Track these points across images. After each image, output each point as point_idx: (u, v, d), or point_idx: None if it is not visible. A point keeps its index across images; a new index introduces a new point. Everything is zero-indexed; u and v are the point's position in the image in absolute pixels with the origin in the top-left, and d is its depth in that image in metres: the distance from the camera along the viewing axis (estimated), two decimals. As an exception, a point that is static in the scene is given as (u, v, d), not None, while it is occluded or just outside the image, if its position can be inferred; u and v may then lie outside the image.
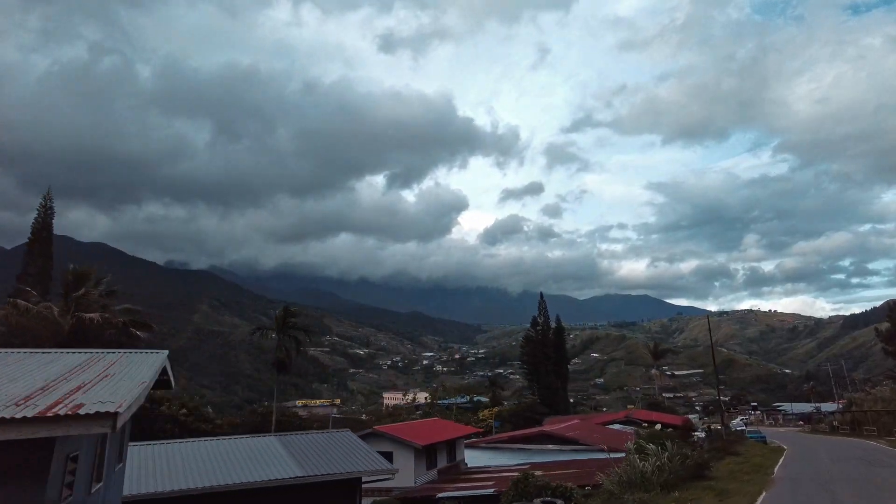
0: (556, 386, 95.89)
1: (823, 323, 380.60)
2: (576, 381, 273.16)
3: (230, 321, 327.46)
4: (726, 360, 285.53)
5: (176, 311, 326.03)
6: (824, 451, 34.76)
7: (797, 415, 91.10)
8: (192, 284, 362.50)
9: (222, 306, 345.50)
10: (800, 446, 41.45)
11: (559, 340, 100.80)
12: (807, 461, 29.58)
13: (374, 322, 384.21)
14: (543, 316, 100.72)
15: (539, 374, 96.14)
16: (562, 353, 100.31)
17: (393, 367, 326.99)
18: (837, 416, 67.75)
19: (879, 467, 25.73)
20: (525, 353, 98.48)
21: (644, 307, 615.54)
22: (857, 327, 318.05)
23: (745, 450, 34.12)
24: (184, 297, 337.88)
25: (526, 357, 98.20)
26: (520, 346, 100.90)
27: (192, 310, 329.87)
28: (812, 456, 32.40)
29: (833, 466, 26.62)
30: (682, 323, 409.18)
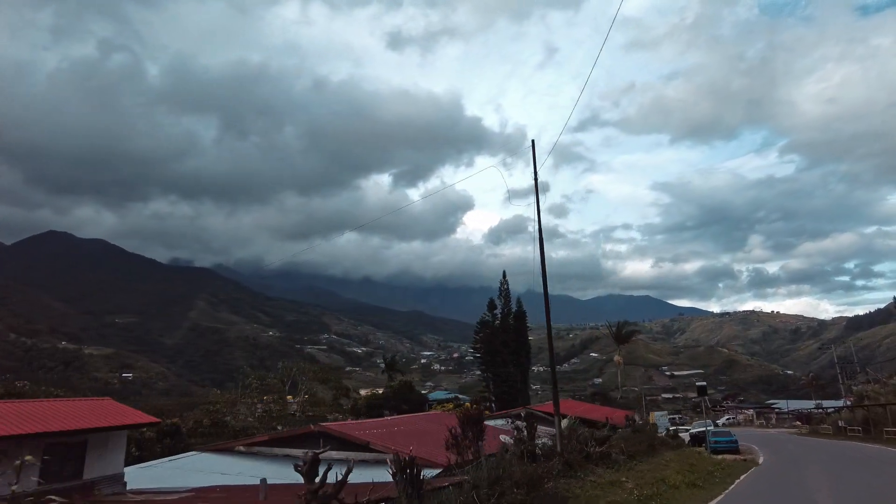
0: (514, 378, 79.66)
1: (827, 324, 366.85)
2: (574, 381, 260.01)
3: (227, 318, 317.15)
4: (728, 361, 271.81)
5: (174, 307, 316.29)
6: (826, 476, 18.31)
7: (793, 413, 73.63)
8: (192, 282, 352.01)
9: (220, 303, 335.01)
10: (785, 460, 25.25)
11: (520, 326, 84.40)
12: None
13: (373, 321, 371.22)
14: (504, 298, 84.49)
15: (495, 364, 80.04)
16: (523, 342, 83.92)
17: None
18: (845, 413, 50.78)
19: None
20: (478, 340, 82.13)
21: (646, 308, 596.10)
22: (861, 329, 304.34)
23: (653, 465, 17.97)
24: (183, 295, 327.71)
25: (480, 345, 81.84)
26: (473, 333, 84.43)
27: (190, 307, 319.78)
28: (799, 490, 15.97)
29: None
30: (683, 323, 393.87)
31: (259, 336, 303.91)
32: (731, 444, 30.89)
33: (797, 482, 16.59)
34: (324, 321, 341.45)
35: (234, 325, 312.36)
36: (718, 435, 32.07)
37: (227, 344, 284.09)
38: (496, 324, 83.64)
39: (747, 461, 22.67)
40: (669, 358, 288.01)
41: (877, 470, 19.47)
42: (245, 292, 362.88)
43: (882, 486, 15.53)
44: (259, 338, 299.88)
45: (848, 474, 18.46)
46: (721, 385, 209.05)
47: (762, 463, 22.22)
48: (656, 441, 20.84)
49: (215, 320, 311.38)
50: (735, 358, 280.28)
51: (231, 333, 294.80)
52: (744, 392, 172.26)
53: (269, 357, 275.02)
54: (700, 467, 17.40)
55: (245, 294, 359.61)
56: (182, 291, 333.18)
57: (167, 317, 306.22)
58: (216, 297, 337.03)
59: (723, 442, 30.94)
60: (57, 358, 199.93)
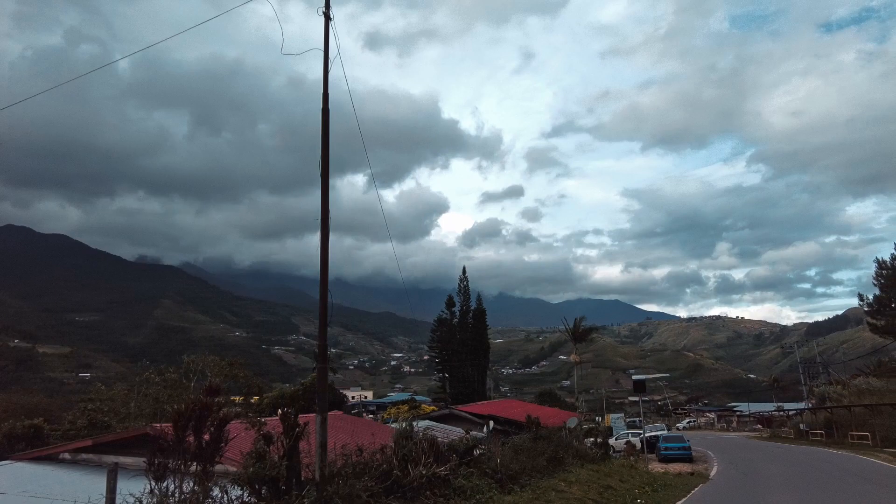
0: (472, 377, 75.85)
1: (788, 330, 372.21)
2: (544, 383, 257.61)
3: (194, 317, 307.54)
4: (694, 365, 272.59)
5: (138, 306, 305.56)
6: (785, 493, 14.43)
7: (755, 416, 70.79)
8: (159, 280, 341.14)
9: (187, 302, 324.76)
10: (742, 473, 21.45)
11: (479, 325, 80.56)
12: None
13: (344, 322, 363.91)
14: (463, 295, 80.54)
15: (452, 363, 76.11)
16: (482, 341, 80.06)
17: (360, 368, 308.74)
18: (807, 415, 47.76)
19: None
20: (435, 338, 77.97)
21: (615, 312, 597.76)
22: (821, 334, 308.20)
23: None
24: (148, 293, 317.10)
25: (437, 343, 77.68)
26: (430, 331, 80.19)
27: (155, 305, 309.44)
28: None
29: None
30: (651, 327, 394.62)
31: (226, 336, 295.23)
32: (683, 452, 27.07)
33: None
34: (293, 322, 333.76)
35: (201, 325, 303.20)
36: (670, 441, 28.35)
37: (192, 344, 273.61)
38: (454, 322, 79.75)
39: (694, 475, 18.72)
40: (637, 361, 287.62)
41: (858, 491, 15.82)
42: (213, 291, 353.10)
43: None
44: (225, 338, 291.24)
45: (824, 499, 14.69)
46: (687, 388, 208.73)
47: (713, 477, 18.39)
48: (568, 451, 16.16)
49: (181, 319, 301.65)
50: (701, 362, 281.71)
51: (197, 333, 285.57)
52: (709, 396, 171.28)
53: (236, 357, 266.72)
54: (620, 491, 13.37)
55: (213, 293, 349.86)
56: (147, 289, 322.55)
57: (131, 315, 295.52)
58: (183, 296, 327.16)
59: (674, 449, 27.14)
60: (8, 357, 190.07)
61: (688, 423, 78.03)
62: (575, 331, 59.94)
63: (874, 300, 45.89)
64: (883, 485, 16.80)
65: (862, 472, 19.95)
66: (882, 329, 45.51)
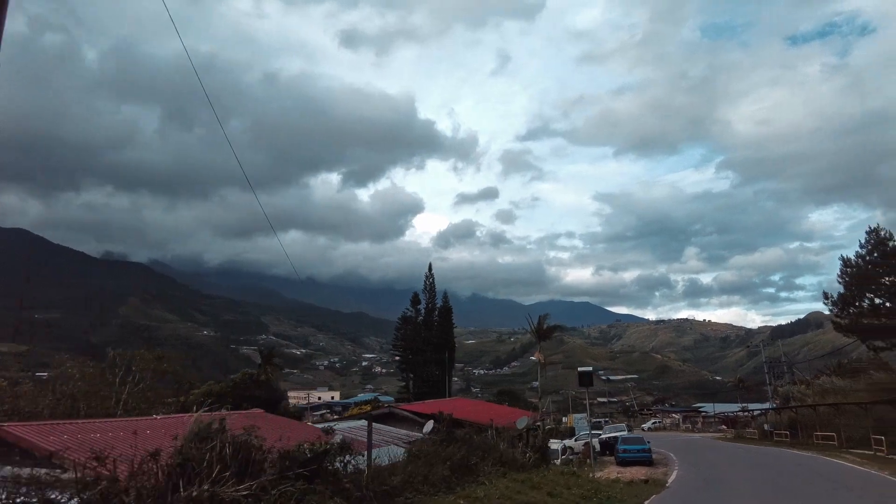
0: (436, 377, 73.41)
1: (753, 333, 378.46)
2: (514, 383, 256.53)
3: (160, 316, 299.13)
4: (662, 366, 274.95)
5: (103, 303, 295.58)
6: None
7: (720, 417, 69.79)
8: (125, 277, 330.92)
9: (154, 300, 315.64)
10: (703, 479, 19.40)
11: (445, 323, 78.18)
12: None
13: (315, 322, 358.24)
14: (429, 293, 78.12)
15: (416, 362, 73.63)
16: (447, 339, 77.65)
17: (330, 368, 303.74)
18: (771, 415, 46.47)
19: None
20: (400, 336, 75.31)
21: (586, 313, 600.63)
22: (784, 337, 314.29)
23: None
24: (113, 290, 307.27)
25: (401, 342, 75.04)
26: (394, 329, 77.49)
27: (121, 303, 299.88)
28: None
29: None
30: (620, 329, 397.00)
31: (193, 335, 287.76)
32: (642, 455, 25.11)
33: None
34: (262, 321, 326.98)
35: (168, 324, 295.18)
36: (629, 442, 26.49)
37: (158, 343, 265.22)
38: (419, 320, 77.32)
39: (649, 482, 16.49)
40: (606, 362, 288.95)
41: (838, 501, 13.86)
42: (181, 289, 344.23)
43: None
44: (193, 337, 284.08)
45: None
46: (655, 390, 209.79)
47: (671, 485, 16.18)
48: (488, 457, 13.41)
49: (147, 318, 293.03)
50: (668, 364, 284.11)
51: (164, 332, 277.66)
52: (676, 397, 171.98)
53: (203, 357, 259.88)
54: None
55: (181, 291, 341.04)
56: (113, 287, 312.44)
57: (94, 313, 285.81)
58: (149, 294, 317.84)
59: (633, 451, 25.17)
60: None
61: (653, 423, 76.85)
62: (539, 329, 57.98)
63: (838, 298, 44.83)
64: (862, 491, 14.94)
65: (834, 476, 18.18)
66: (846, 328, 44.56)
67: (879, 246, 43.66)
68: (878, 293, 42.48)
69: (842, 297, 44.57)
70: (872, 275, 42.55)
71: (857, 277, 43.68)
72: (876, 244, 44.04)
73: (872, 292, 43.12)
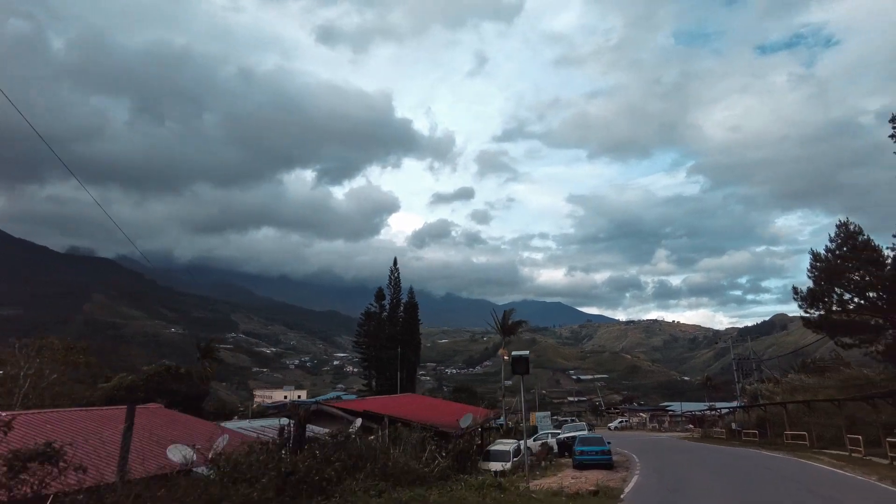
0: (400, 375, 70.33)
1: (721, 334, 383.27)
2: (486, 383, 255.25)
3: (127, 313, 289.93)
4: (631, 366, 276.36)
5: (66, 300, 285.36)
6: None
7: (687, 416, 68.18)
8: (90, 273, 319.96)
9: (121, 297, 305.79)
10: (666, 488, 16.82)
11: (410, 319, 75.18)
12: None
13: (286, 320, 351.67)
14: (393, 288, 75.05)
15: (380, 360, 70.45)
16: (413, 336, 74.70)
17: (301, 367, 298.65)
18: (739, 414, 44.60)
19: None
20: (362, 333, 72.06)
21: (558, 314, 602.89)
22: (749, 339, 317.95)
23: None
24: (79, 286, 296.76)
25: (364, 338, 71.79)
26: (357, 325, 74.18)
27: (85, 299, 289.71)
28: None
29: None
30: (591, 330, 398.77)
31: (161, 332, 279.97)
32: (601, 457, 22.50)
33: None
34: (232, 319, 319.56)
35: (135, 321, 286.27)
36: (587, 443, 23.69)
37: (124, 340, 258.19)
38: (384, 316, 74.20)
39: (599, 494, 13.77)
40: (577, 362, 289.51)
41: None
42: (150, 286, 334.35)
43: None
44: (161, 334, 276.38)
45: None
46: (624, 389, 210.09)
47: (626, 496, 13.52)
48: (362, 468, 10.45)
49: (113, 314, 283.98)
50: (638, 364, 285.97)
51: (130, 329, 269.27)
52: (645, 396, 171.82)
53: (171, 354, 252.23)
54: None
55: (149, 287, 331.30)
56: (77, 282, 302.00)
57: (58, 309, 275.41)
58: (116, 290, 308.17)
59: (591, 453, 22.50)
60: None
61: (619, 422, 75.02)
62: (504, 325, 55.37)
63: (808, 293, 43.16)
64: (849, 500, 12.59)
65: (812, 482, 15.88)
66: (815, 324, 42.96)
67: (849, 240, 42.12)
68: (847, 288, 40.85)
69: (811, 293, 42.83)
70: (842, 269, 40.86)
71: (826, 272, 41.98)
72: (846, 238, 42.50)
73: (842, 287, 41.52)
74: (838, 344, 44.62)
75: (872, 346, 42.79)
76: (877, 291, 41.18)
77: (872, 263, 40.84)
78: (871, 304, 41.13)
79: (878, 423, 23.92)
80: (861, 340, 41.18)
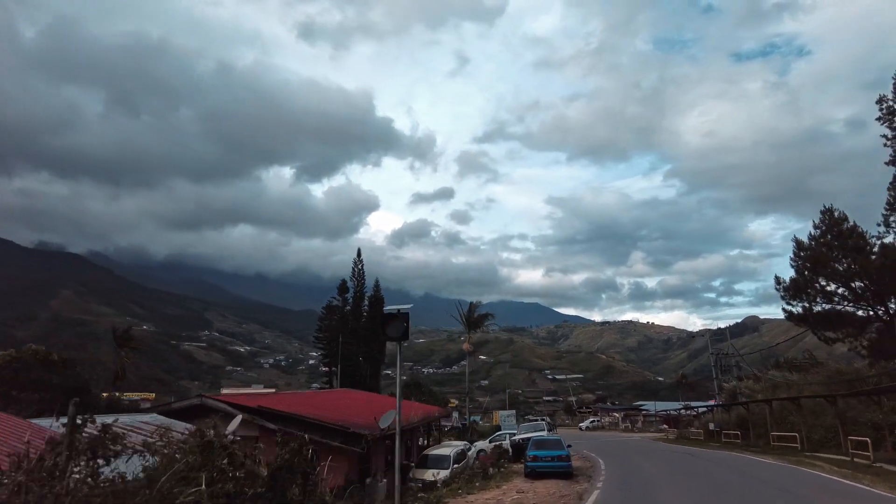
0: (363, 371, 65.86)
1: (695, 335, 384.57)
2: (462, 382, 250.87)
3: (97, 309, 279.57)
4: (606, 367, 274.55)
5: (32, 295, 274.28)
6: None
7: (661, 415, 64.79)
8: (58, 268, 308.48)
9: (89, 293, 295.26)
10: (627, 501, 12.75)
11: (376, 314, 70.62)
12: None
13: (262, 319, 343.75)
14: (357, 280, 70.48)
15: (342, 355, 65.80)
16: (378, 331, 70.08)
17: (276, 366, 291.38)
18: (719, 413, 40.92)
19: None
20: (323, 327, 67.31)
21: (535, 314, 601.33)
22: (723, 340, 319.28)
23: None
24: (46, 282, 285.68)
25: (324, 333, 67.03)
26: (318, 320, 69.36)
27: (52, 295, 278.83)
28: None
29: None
30: (567, 330, 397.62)
31: (131, 330, 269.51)
32: (558, 465, 18.13)
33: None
34: (206, 317, 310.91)
35: (104, 317, 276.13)
36: (543, 447, 19.27)
37: (92, 337, 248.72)
38: (346, 309, 69.57)
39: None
40: (552, 362, 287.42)
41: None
42: (120, 282, 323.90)
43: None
44: (131, 332, 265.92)
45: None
46: (599, 389, 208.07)
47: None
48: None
49: (81, 311, 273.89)
50: (613, 364, 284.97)
51: (98, 326, 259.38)
52: (619, 397, 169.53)
53: (142, 352, 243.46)
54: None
55: (120, 284, 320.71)
56: (44, 278, 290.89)
57: (21, 305, 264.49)
58: (85, 286, 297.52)
59: (546, 459, 18.26)
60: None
61: (591, 422, 71.43)
62: (469, 317, 51.12)
63: (791, 284, 39.86)
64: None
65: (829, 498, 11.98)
66: (798, 317, 39.66)
67: (833, 227, 38.85)
68: (833, 278, 37.51)
69: (794, 283, 39.50)
70: (827, 257, 37.51)
71: (811, 261, 38.65)
72: (830, 225, 39.23)
73: (827, 277, 38.21)
74: (821, 339, 41.46)
75: (857, 341, 39.84)
76: (863, 281, 38.16)
77: (859, 251, 37.72)
78: (858, 294, 38.09)
79: (882, 424, 20.26)
80: (846, 335, 38.03)
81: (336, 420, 14.87)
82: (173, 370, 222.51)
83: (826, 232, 39.33)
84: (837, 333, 39.72)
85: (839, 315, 38.16)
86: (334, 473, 14.69)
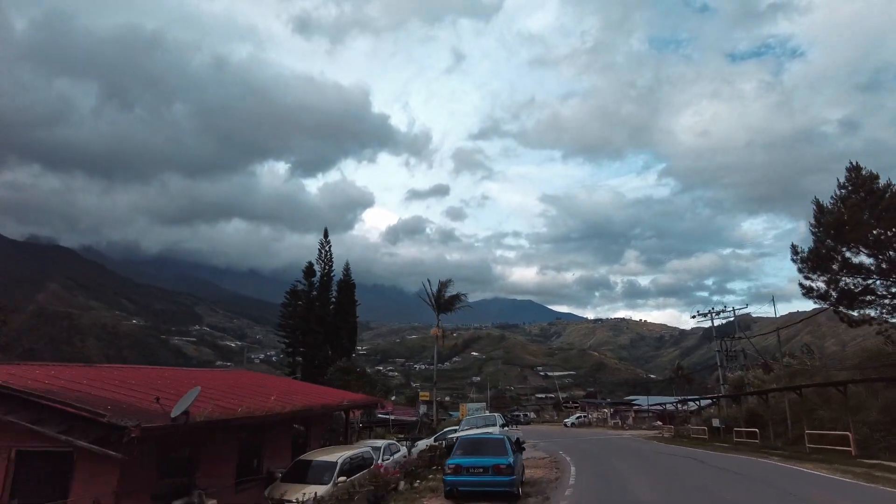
0: (330, 362, 58.87)
1: (686, 333, 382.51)
2: (454, 378, 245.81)
3: (84, 303, 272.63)
4: (598, 364, 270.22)
5: (18, 288, 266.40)
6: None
7: (655, 411, 58.05)
8: (46, 262, 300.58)
9: (77, 287, 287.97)
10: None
11: (346, 300, 63.77)
12: None
13: (253, 314, 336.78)
14: (325, 263, 63.47)
15: (307, 344, 58.86)
16: (348, 319, 63.33)
17: (266, 361, 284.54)
18: (727, 406, 33.98)
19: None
20: (286, 313, 60.17)
21: (528, 311, 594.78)
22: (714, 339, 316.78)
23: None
24: (33, 275, 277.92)
25: (288, 320, 59.88)
26: (281, 306, 62.19)
27: (39, 289, 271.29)
28: None
29: None
30: (560, 327, 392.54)
31: (119, 324, 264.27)
32: (494, 482, 11.44)
33: None
34: (196, 312, 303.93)
35: (92, 312, 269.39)
36: (474, 452, 12.31)
37: (79, 331, 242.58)
38: (312, 294, 62.56)
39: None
40: (545, 359, 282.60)
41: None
42: (110, 277, 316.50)
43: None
44: (119, 326, 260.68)
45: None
46: (591, 386, 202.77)
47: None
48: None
49: (69, 305, 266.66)
50: (605, 361, 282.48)
51: (86, 320, 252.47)
52: (610, 393, 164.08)
53: (130, 347, 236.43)
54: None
55: (110, 279, 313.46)
56: (32, 271, 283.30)
57: (7, 298, 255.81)
58: (73, 280, 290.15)
59: (477, 472, 11.49)
60: None
61: (577, 418, 64.61)
62: (438, 298, 44.06)
63: (809, 254, 33.20)
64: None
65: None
66: (819, 293, 33.02)
67: (862, 186, 32.06)
68: (864, 244, 30.65)
69: (814, 253, 32.67)
70: (856, 221, 30.63)
71: (834, 226, 31.82)
72: (858, 185, 32.44)
73: (855, 246, 31.43)
74: (843, 320, 34.89)
75: (888, 322, 33.22)
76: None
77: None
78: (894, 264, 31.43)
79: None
80: (880, 311, 31.34)
81: (76, 399, 8.19)
82: (161, 365, 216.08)
83: (852, 193, 32.64)
84: (861, 315, 33.14)
85: (869, 291, 31.51)
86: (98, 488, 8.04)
